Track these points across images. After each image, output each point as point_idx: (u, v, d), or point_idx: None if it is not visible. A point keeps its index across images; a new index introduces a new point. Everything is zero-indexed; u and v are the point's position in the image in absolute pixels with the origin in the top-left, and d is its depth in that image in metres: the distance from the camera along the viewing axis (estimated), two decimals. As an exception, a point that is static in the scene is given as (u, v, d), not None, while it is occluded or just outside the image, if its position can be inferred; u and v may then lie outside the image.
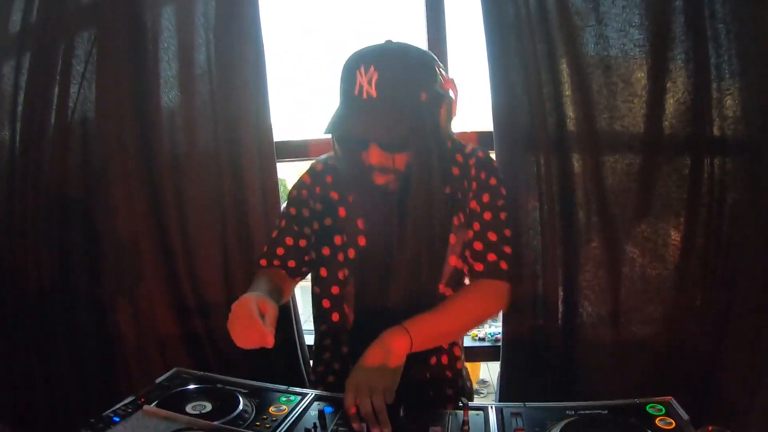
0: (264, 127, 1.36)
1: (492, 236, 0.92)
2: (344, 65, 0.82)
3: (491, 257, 0.92)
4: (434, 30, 1.45)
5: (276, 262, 1.01)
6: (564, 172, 1.31)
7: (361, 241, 0.91)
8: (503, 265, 0.92)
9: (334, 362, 0.99)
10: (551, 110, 1.30)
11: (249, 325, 0.73)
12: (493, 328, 1.60)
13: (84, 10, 1.37)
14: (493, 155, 1.22)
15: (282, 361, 1.38)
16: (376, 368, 0.80)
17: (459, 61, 1.49)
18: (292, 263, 1.00)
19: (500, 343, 1.38)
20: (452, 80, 0.84)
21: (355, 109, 0.78)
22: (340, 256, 0.93)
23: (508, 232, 0.94)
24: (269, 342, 0.73)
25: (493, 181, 0.93)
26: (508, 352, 1.37)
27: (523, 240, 1.33)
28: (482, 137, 1.44)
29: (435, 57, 0.84)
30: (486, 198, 0.92)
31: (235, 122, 1.36)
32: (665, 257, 1.30)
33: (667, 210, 1.29)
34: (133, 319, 1.40)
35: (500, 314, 1.37)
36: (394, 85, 0.76)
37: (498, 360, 1.40)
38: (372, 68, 0.75)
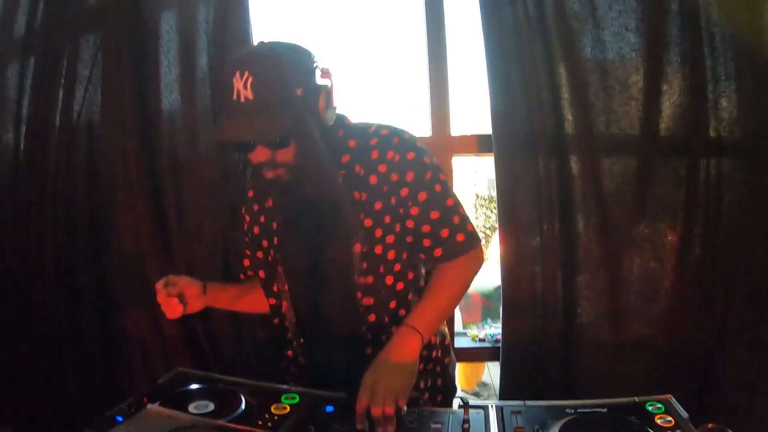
0: None
1: (435, 214, 0.89)
2: (222, 75, 0.85)
3: (444, 234, 0.90)
4: (434, 32, 1.46)
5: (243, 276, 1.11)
6: (562, 174, 1.32)
7: (275, 240, 0.97)
8: (460, 237, 0.90)
9: (293, 355, 1.02)
10: (549, 113, 1.31)
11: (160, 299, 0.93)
12: (493, 329, 1.61)
13: (88, 14, 1.39)
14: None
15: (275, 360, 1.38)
16: (394, 370, 0.82)
17: (458, 63, 1.51)
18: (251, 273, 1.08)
19: (500, 344, 1.39)
20: (327, 70, 0.87)
21: (235, 114, 0.81)
22: (269, 257, 0.98)
23: (450, 202, 0.91)
24: (170, 312, 0.92)
25: (410, 156, 0.89)
26: (508, 353, 1.37)
27: (521, 241, 1.34)
28: (481, 140, 1.45)
29: (308, 51, 0.86)
30: (410, 176, 0.88)
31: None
32: (663, 258, 1.31)
33: (665, 211, 1.30)
34: (136, 320, 1.40)
35: (500, 313, 1.38)
36: (268, 85, 0.79)
37: (498, 360, 1.41)
38: (246, 72, 0.79)
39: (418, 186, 0.89)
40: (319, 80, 0.85)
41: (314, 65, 0.85)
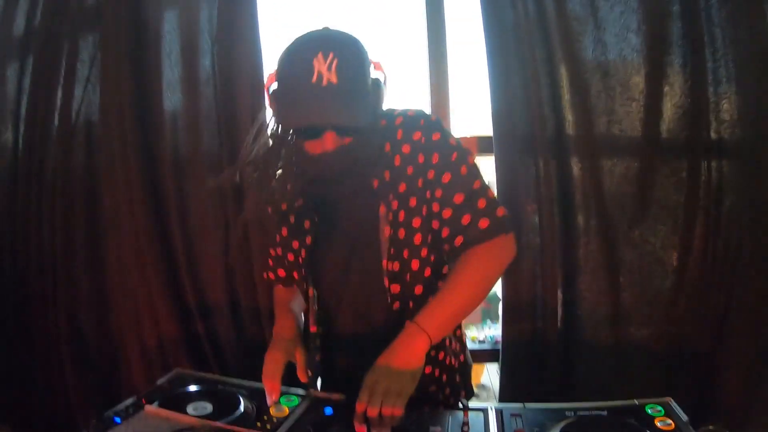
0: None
1: (459, 198, 0.83)
2: (291, 53, 0.80)
3: (465, 220, 0.83)
4: (434, 32, 1.46)
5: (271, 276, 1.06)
6: (563, 176, 1.32)
7: (308, 240, 0.93)
8: (483, 223, 0.82)
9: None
10: (550, 114, 1.31)
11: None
12: (492, 331, 1.61)
13: (88, 13, 1.39)
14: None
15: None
16: (395, 372, 0.78)
17: (459, 65, 1.51)
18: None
19: (500, 346, 1.39)
20: (380, 63, 0.85)
21: (314, 98, 0.76)
22: (294, 244, 0.95)
23: (477, 184, 0.84)
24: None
25: (436, 137, 0.85)
26: (508, 355, 1.37)
27: (521, 242, 1.34)
28: (482, 141, 1.45)
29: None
30: (436, 158, 0.84)
31: (235, 126, 1.37)
32: (663, 259, 1.31)
33: (665, 213, 1.30)
34: (135, 320, 1.40)
35: (501, 313, 1.38)
36: (354, 70, 0.78)
37: (498, 362, 1.41)
38: (331, 54, 0.76)
39: (443, 167, 0.83)
40: (375, 72, 0.83)
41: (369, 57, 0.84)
